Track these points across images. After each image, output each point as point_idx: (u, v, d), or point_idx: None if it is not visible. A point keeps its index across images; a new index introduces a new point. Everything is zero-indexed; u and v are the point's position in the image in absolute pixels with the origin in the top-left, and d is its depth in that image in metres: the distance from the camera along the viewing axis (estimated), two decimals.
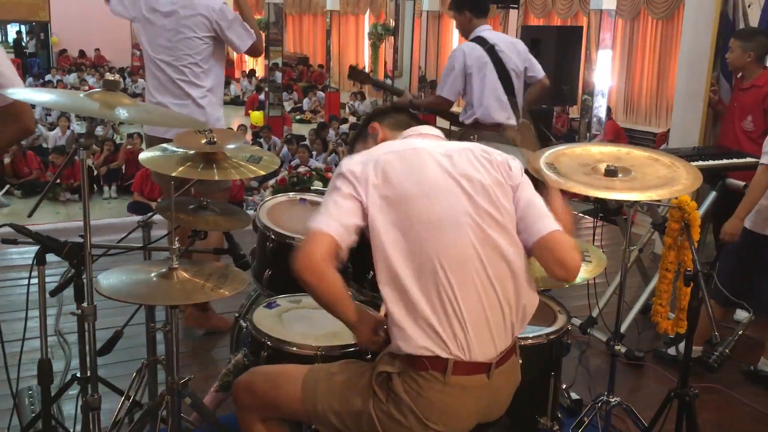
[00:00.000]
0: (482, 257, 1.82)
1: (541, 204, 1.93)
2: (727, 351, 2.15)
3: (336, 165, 11.00)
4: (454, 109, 4.44)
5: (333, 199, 1.84)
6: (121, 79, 17.89)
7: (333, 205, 1.83)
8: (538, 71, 4.38)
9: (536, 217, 1.89)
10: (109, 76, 2.08)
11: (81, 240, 2.09)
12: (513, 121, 4.28)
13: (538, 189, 1.98)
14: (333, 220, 1.80)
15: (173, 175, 2.44)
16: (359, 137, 2.17)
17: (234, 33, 3.68)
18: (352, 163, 1.88)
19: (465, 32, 4.36)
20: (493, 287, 1.83)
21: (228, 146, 2.56)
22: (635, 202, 2.58)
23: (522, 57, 4.29)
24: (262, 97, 16.87)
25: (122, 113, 2.01)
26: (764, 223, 3.39)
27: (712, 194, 3.95)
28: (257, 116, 15.47)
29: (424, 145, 1.93)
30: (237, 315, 3.01)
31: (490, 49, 4.18)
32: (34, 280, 2.18)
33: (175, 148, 2.61)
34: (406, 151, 1.90)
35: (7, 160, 10.62)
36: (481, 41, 4.21)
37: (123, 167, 11.17)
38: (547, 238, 1.87)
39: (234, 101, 19.72)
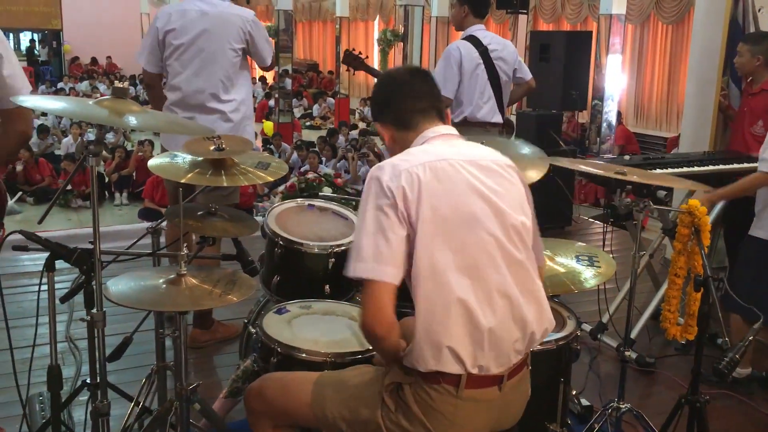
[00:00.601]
0: (512, 279, 1.80)
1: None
2: (737, 357, 2.13)
3: (345, 171, 11.06)
4: None
5: (383, 234, 1.73)
6: (132, 87, 18.01)
7: (384, 244, 1.73)
8: (526, 73, 4.53)
9: (538, 246, 1.98)
10: (118, 84, 2.10)
11: (91, 246, 2.10)
12: (498, 119, 4.40)
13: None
14: (391, 266, 1.73)
15: (182, 181, 2.46)
16: (378, 131, 2.04)
17: (262, 46, 3.63)
18: (390, 181, 1.75)
19: (458, 26, 4.44)
20: (521, 309, 1.81)
21: (236, 153, 2.57)
22: (646, 206, 2.57)
23: (512, 59, 4.41)
24: (272, 103, 16.93)
25: (131, 120, 2.02)
26: None
27: None
28: (270, 126, 15.49)
29: (451, 155, 1.84)
30: (246, 321, 3.02)
31: (484, 52, 4.27)
32: (45, 287, 2.20)
33: (184, 155, 2.63)
34: (437, 163, 1.79)
35: (19, 167, 10.70)
36: (475, 42, 4.28)
37: (134, 174, 11.23)
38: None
39: None
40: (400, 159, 1.83)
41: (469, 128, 4.20)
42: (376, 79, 4.66)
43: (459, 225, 1.76)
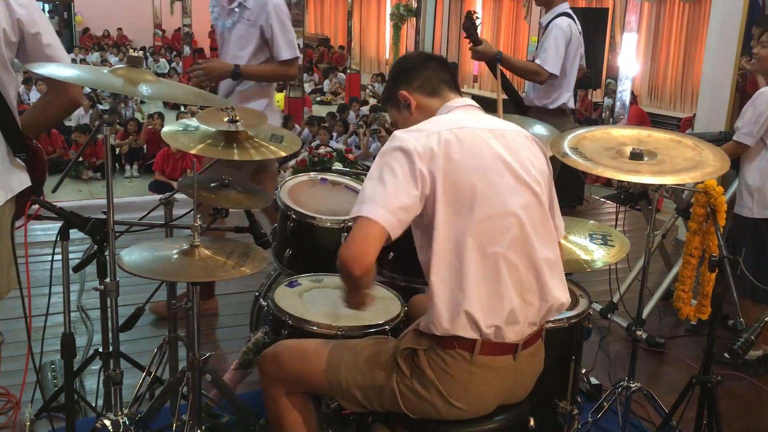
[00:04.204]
0: (534, 245, 1.80)
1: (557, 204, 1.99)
2: (752, 338, 2.12)
3: (356, 147, 11.02)
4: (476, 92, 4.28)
5: (394, 183, 1.71)
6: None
7: (393, 191, 1.70)
8: (584, 60, 4.28)
9: (558, 222, 1.97)
10: (132, 53, 2.08)
11: (104, 217, 2.10)
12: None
13: None
14: (391, 214, 1.69)
15: (192, 152, 2.45)
16: (389, 101, 2.03)
17: None
18: (413, 142, 1.74)
19: (548, 4, 4.04)
20: (539, 275, 1.82)
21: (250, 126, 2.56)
22: (662, 186, 2.54)
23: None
24: None
25: (145, 90, 2.01)
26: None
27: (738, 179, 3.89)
28: (281, 98, 15.39)
29: (474, 124, 1.84)
30: (257, 294, 3.02)
31: (579, 31, 4.02)
32: (58, 256, 2.20)
33: (197, 125, 2.61)
34: (462, 130, 1.79)
35: None
36: (573, 19, 3.97)
37: (144, 147, 11.23)
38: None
39: None
40: (424, 124, 1.83)
41: (560, 118, 3.84)
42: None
43: (482, 190, 1.76)
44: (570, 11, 4.05)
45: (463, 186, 1.74)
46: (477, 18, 3.77)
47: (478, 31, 3.75)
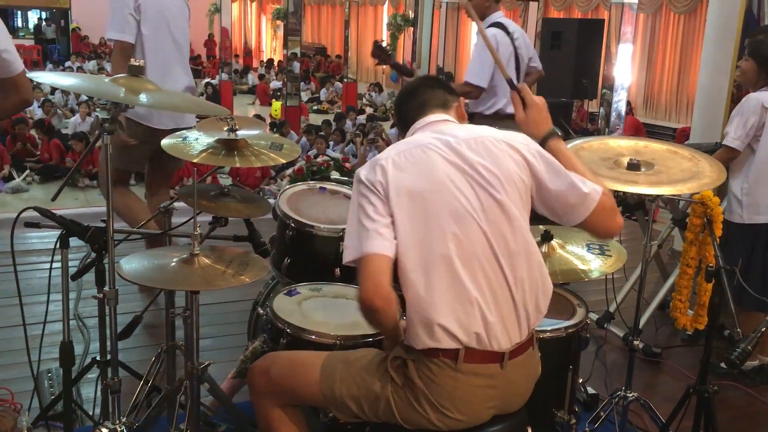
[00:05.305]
0: (494, 248, 1.80)
1: (576, 178, 1.88)
2: (749, 348, 2.13)
3: (353, 155, 11.04)
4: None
5: (365, 215, 1.80)
6: None
7: (371, 223, 1.78)
8: (539, 62, 4.51)
9: (579, 196, 1.87)
10: (134, 62, 2.09)
11: (103, 225, 2.11)
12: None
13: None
14: (376, 240, 1.76)
15: (195, 161, 2.45)
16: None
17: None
18: (367, 171, 1.86)
19: (482, 15, 4.22)
20: (505, 278, 1.81)
21: (249, 134, 2.56)
22: (659, 196, 2.56)
23: (529, 47, 4.38)
24: (273, 84, 16.88)
25: (146, 99, 2.02)
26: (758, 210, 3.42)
27: None
28: (278, 106, 15.40)
29: (425, 139, 1.90)
30: (255, 302, 3.02)
31: (512, 41, 4.20)
32: (55, 264, 2.20)
33: (196, 135, 2.62)
34: (411, 150, 1.87)
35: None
36: (503, 29, 4.18)
37: None
38: (594, 211, 1.88)
39: (252, 90, 19.77)
40: (382, 153, 1.91)
41: (502, 121, 4.03)
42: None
43: (436, 204, 1.79)
44: (501, 21, 4.23)
45: (415, 202, 1.79)
46: (387, 46, 4.01)
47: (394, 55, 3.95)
